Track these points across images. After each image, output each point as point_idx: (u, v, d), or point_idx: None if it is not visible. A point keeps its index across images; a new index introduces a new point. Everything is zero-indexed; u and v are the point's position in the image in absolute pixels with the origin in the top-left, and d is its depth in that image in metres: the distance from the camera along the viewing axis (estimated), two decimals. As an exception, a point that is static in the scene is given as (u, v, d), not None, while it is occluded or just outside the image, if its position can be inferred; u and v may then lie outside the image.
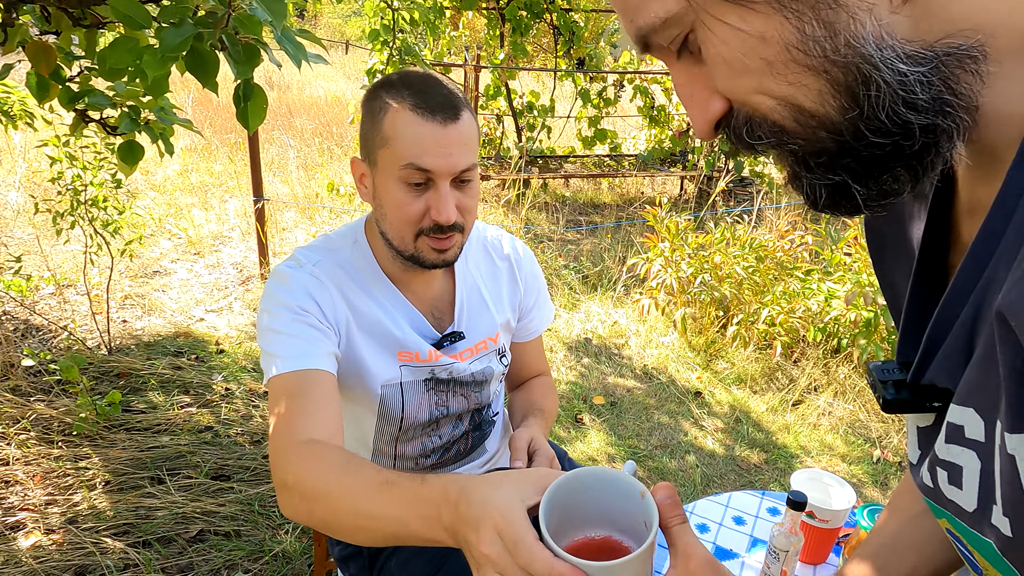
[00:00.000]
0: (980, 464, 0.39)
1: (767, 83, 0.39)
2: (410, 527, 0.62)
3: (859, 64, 0.36)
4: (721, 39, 0.39)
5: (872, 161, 0.39)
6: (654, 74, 5.90)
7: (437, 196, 0.93)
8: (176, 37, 0.84)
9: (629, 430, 2.52)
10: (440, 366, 1.08)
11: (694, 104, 0.44)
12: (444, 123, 0.90)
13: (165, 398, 2.44)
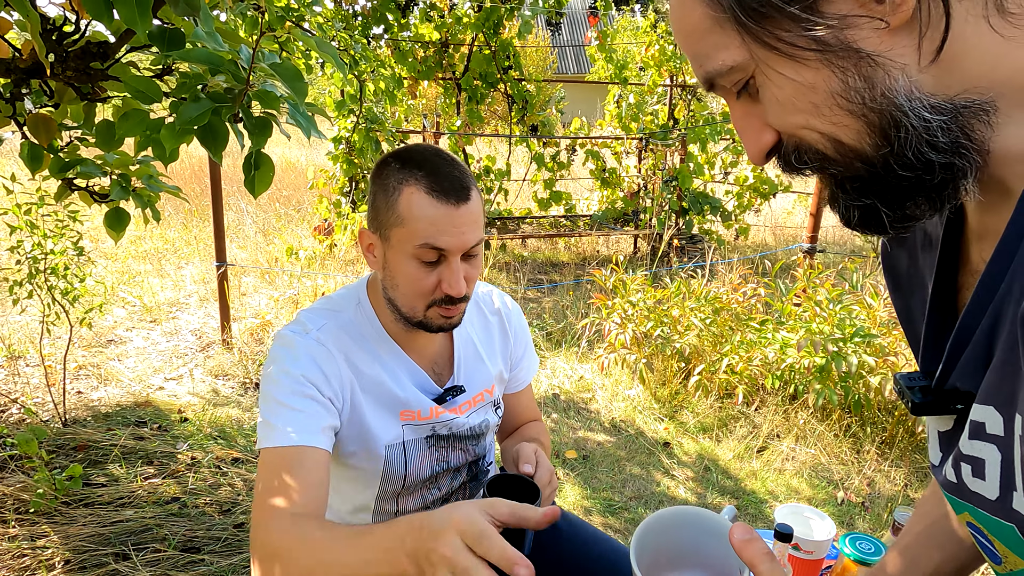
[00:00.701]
0: (1000, 455, 0.46)
1: (813, 122, 0.47)
2: (374, 566, 0.68)
3: (891, 111, 0.44)
4: (777, 85, 0.47)
5: (899, 190, 0.47)
6: (604, 139, 6.19)
7: (450, 271, 0.97)
8: (195, 111, 0.90)
9: (603, 483, 2.55)
10: (440, 422, 1.11)
11: (748, 135, 0.52)
12: (457, 205, 0.95)
13: (127, 470, 2.35)
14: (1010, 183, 0.46)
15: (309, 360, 0.99)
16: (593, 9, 5.31)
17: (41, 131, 1.16)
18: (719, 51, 0.48)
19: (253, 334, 3.64)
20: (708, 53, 0.49)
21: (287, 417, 0.94)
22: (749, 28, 0.46)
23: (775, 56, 0.46)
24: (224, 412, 2.87)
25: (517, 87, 5.57)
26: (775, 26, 0.45)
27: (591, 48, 6.15)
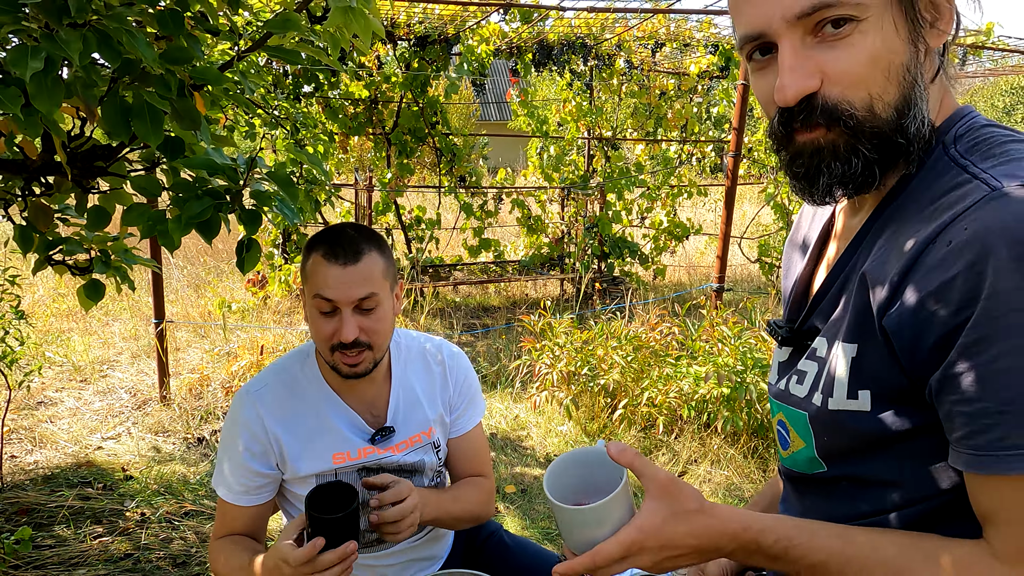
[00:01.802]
0: (817, 369, 0.71)
1: (875, 80, 0.59)
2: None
3: (917, 95, 0.61)
4: (880, 36, 0.59)
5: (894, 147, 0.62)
6: (528, 189, 6.55)
7: (340, 320, 1.19)
8: (198, 208, 1.09)
9: (540, 513, 2.75)
10: (371, 460, 1.30)
11: (798, 74, 0.60)
12: (344, 265, 1.18)
13: (75, 530, 2.38)
14: (868, 201, 0.71)
15: (242, 427, 1.27)
16: (514, 70, 5.71)
17: (40, 218, 1.31)
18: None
19: (192, 389, 3.67)
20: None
21: (232, 474, 1.26)
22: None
23: (899, 15, 0.59)
24: (169, 468, 2.91)
25: (445, 141, 5.86)
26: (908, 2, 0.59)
27: (514, 104, 6.55)
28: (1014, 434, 0.54)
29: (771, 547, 0.67)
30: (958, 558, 0.59)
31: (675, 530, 0.67)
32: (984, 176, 0.58)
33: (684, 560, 0.69)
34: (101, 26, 0.92)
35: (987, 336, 0.54)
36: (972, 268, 0.54)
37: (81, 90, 0.97)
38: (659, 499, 0.68)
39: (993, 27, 4.78)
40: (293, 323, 4.90)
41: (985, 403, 0.55)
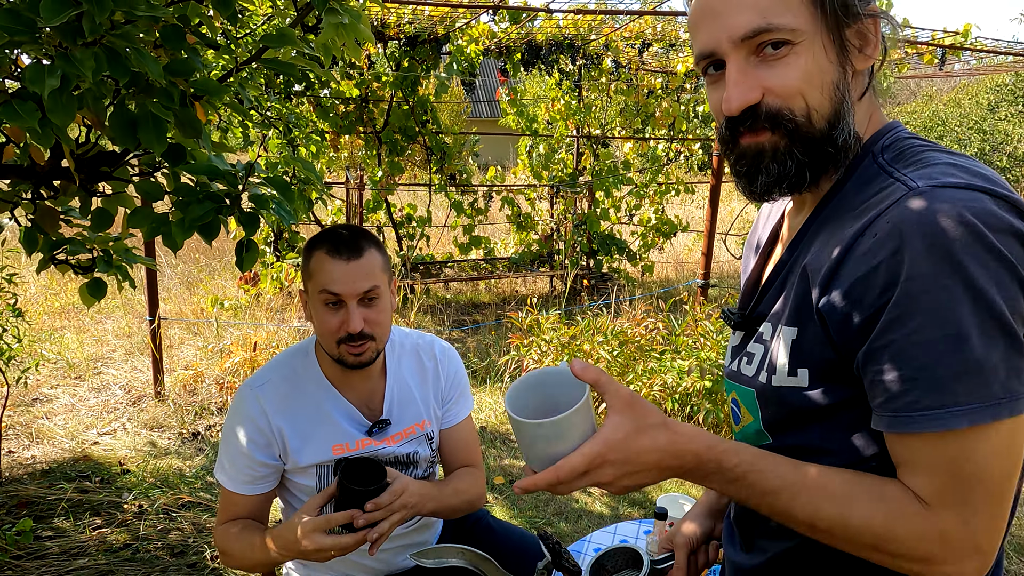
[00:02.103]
0: (764, 350, 0.79)
1: (812, 94, 0.69)
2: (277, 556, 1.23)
3: (845, 109, 0.71)
4: (811, 58, 0.69)
5: (824, 155, 0.72)
6: (518, 187, 6.62)
7: (347, 312, 1.28)
8: (201, 210, 1.16)
9: (528, 503, 2.83)
10: (368, 452, 1.38)
11: (741, 88, 0.70)
12: (348, 260, 1.26)
13: (74, 523, 2.44)
14: (810, 202, 0.80)
15: (247, 421, 1.33)
16: (503, 70, 5.78)
17: (47, 221, 1.38)
18: (790, 14, 0.67)
19: (186, 385, 3.73)
20: (778, 11, 0.68)
21: (234, 463, 1.33)
22: (827, 17, 0.68)
23: (827, 40, 0.69)
24: (165, 462, 2.98)
25: (435, 139, 5.93)
26: (837, 28, 0.69)
27: (503, 102, 6.62)
28: (924, 398, 0.61)
29: (732, 469, 0.70)
30: (894, 495, 0.66)
31: (639, 444, 0.68)
32: (904, 179, 0.67)
33: (644, 477, 0.70)
34: (110, 43, 0.99)
35: (904, 313, 0.62)
36: (893, 256, 0.62)
37: (91, 103, 1.04)
38: (622, 413, 0.69)
39: (970, 29, 4.89)
40: (285, 320, 4.95)
41: (901, 371, 0.62)
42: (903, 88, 18.09)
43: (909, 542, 0.64)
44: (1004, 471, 0.63)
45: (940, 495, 0.63)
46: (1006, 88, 14.74)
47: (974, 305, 0.60)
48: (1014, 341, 0.61)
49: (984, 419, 0.60)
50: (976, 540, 0.63)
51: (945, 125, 14.93)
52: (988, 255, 0.60)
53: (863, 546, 0.66)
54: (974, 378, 0.60)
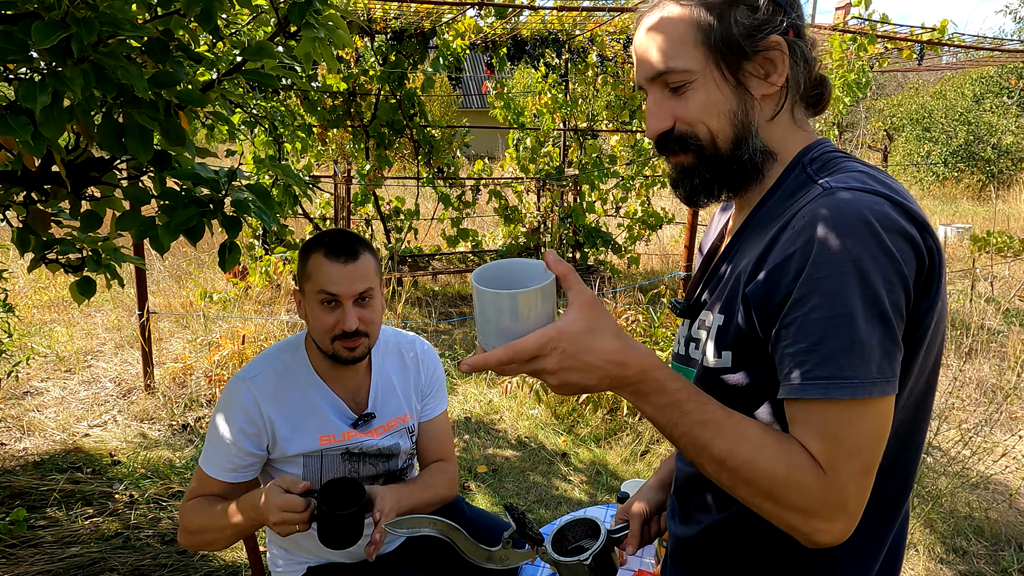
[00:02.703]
0: (705, 335, 0.87)
1: (711, 121, 0.81)
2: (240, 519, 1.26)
3: (746, 134, 0.82)
4: (707, 93, 0.81)
5: (730, 173, 0.84)
6: (505, 180, 6.68)
7: (343, 312, 1.36)
8: (186, 215, 1.23)
9: (509, 491, 2.92)
10: (353, 444, 1.46)
11: (657, 117, 0.83)
12: (345, 263, 1.35)
13: (66, 512, 2.51)
14: (750, 205, 0.89)
15: (239, 411, 1.39)
16: (489, 64, 5.82)
17: (39, 223, 1.44)
18: (684, 58, 0.80)
19: (175, 378, 3.79)
20: (675, 56, 0.80)
21: (217, 449, 1.39)
22: (717, 56, 0.79)
23: (719, 77, 0.80)
24: (155, 453, 3.04)
25: (423, 133, 5.97)
26: (730, 63, 0.80)
27: (490, 96, 6.67)
28: (816, 369, 0.69)
29: (671, 393, 0.74)
30: (798, 450, 0.72)
31: (591, 342, 0.70)
32: (821, 182, 0.78)
33: (586, 376, 0.71)
34: (98, 59, 1.05)
35: (807, 295, 0.70)
36: (804, 246, 0.71)
37: (80, 115, 1.10)
38: (582, 310, 0.71)
39: (947, 25, 4.98)
40: (274, 312, 5.01)
41: (800, 344, 0.71)
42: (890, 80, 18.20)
43: (799, 493, 0.70)
44: (874, 445, 0.71)
45: (826, 458, 0.70)
46: (991, 80, 14.88)
47: (862, 292, 0.68)
48: (888, 329, 0.69)
49: (861, 394, 0.69)
50: (847, 503, 0.70)
51: (931, 117, 15.06)
52: (879, 250, 0.69)
53: (759, 491, 0.73)
54: (857, 356, 0.68)
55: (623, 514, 1.15)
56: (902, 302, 0.71)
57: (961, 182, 14.47)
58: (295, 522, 1.21)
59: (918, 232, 0.72)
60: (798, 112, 0.87)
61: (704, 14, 0.80)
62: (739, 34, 0.80)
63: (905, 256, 0.70)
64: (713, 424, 0.74)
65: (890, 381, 0.70)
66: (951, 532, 2.66)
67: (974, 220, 10.26)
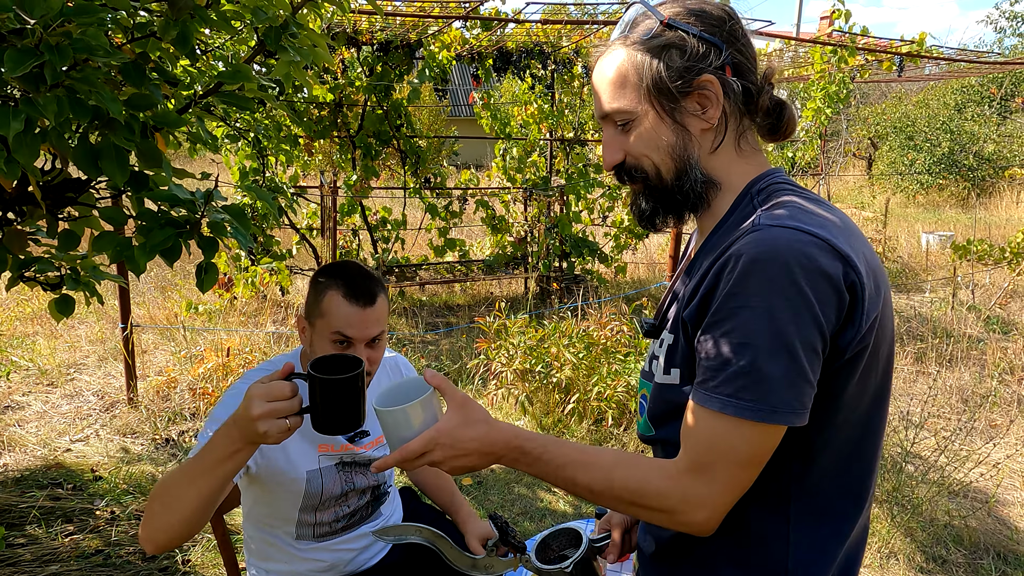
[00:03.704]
0: (666, 352, 0.90)
1: (653, 155, 0.88)
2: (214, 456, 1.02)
3: (687, 166, 0.88)
4: (646, 129, 0.88)
5: (674, 203, 0.91)
6: (492, 189, 6.71)
7: (354, 351, 1.35)
8: (162, 236, 1.23)
9: (494, 503, 2.93)
10: (348, 454, 1.49)
11: (609, 151, 0.91)
12: (363, 307, 1.35)
13: (47, 529, 2.49)
14: (704, 232, 0.94)
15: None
16: (475, 75, 5.85)
17: (15, 243, 1.44)
18: (624, 100, 0.88)
19: (159, 391, 3.77)
20: (616, 98, 0.89)
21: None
22: (652, 98, 0.87)
23: (656, 116, 0.87)
24: (138, 468, 3.02)
25: (409, 143, 5.99)
26: (665, 103, 0.86)
27: (477, 107, 6.70)
28: (721, 386, 0.78)
29: (531, 452, 0.87)
30: (647, 463, 0.85)
31: (464, 433, 0.86)
32: (756, 216, 0.83)
33: (469, 460, 0.87)
34: (72, 84, 1.06)
35: (721, 320, 0.78)
36: (728, 276, 0.78)
37: (55, 139, 1.11)
38: (454, 410, 0.88)
39: (925, 38, 5.06)
40: (259, 324, 4.99)
41: (711, 362, 0.79)
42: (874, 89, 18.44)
43: (656, 498, 0.83)
44: (748, 460, 0.79)
45: (692, 461, 0.81)
46: (972, 89, 15.11)
47: (769, 326, 0.75)
48: (796, 365, 0.75)
49: (752, 417, 0.76)
50: (708, 498, 0.80)
51: (915, 126, 15.26)
52: (793, 290, 0.74)
53: (627, 503, 0.85)
54: (753, 382, 0.76)
55: (604, 523, 1.18)
56: (815, 340, 0.75)
57: (945, 190, 14.66)
58: (284, 412, 0.98)
59: (842, 267, 0.76)
60: (745, 142, 0.91)
61: (640, 58, 0.87)
62: (669, 77, 0.86)
63: (821, 295, 0.75)
64: (570, 465, 0.86)
65: (795, 412, 0.77)
66: (931, 541, 2.69)
67: (956, 228, 10.39)
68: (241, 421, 0.99)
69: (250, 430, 0.98)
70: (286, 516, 1.48)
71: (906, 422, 3.59)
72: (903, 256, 8.25)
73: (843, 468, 0.85)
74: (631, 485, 0.83)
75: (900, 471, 3.05)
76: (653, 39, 0.86)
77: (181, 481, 1.07)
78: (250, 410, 0.97)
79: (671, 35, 0.86)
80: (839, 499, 0.86)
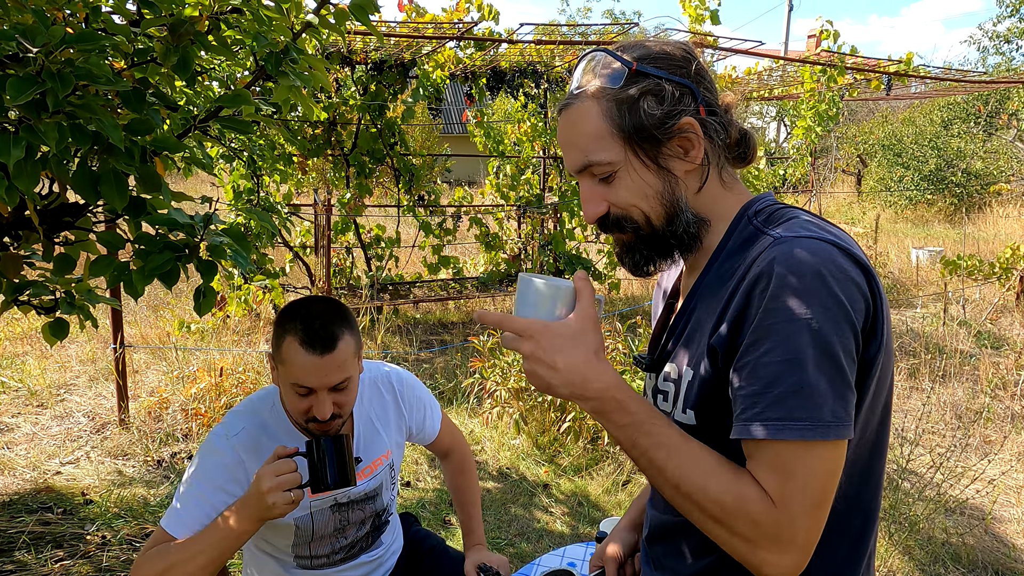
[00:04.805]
0: (674, 389, 0.89)
1: (641, 204, 0.86)
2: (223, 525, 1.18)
3: (677, 210, 0.86)
4: (631, 179, 0.85)
5: (667, 247, 0.88)
6: (485, 207, 6.73)
7: (317, 401, 1.29)
8: (161, 259, 1.23)
9: (490, 524, 2.90)
10: (342, 493, 1.45)
11: (591, 204, 0.88)
12: (322, 355, 1.25)
13: (35, 555, 2.44)
14: (696, 266, 0.93)
15: (223, 470, 1.32)
16: (469, 94, 5.89)
17: (10, 267, 1.43)
18: (604, 151, 0.84)
19: (151, 412, 3.73)
20: (595, 149, 0.85)
21: (184, 508, 1.28)
22: (634, 145, 0.84)
23: (639, 164, 0.85)
24: (129, 491, 2.98)
25: (403, 161, 6.00)
26: (647, 150, 0.84)
27: (470, 125, 6.74)
28: (768, 411, 0.73)
29: (631, 413, 0.79)
30: (749, 481, 0.75)
31: (568, 347, 0.79)
32: (772, 233, 0.82)
33: (554, 377, 0.79)
34: (72, 110, 1.06)
35: (760, 339, 0.75)
36: (761, 293, 0.76)
37: (55, 166, 1.10)
38: (576, 322, 0.81)
39: (912, 57, 5.14)
40: (252, 343, 4.96)
41: (753, 387, 0.75)
42: (862, 107, 18.67)
43: (747, 523, 0.74)
44: (824, 484, 0.73)
45: (778, 492, 0.74)
46: (958, 106, 15.32)
47: (813, 338, 0.72)
48: (840, 373, 0.73)
49: (811, 436, 0.72)
50: (797, 536, 0.73)
51: (902, 143, 15.45)
52: (830, 299, 0.73)
53: (710, 516, 0.76)
54: (806, 399, 0.72)
55: (597, 559, 1.16)
56: (852, 347, 0.74)
57: (934, 205, 14.81)
58: (291, 484, 1.15)
59: (864, 278, 0.76)
60: (726, 174, 0.91)
61: (615, 108, 0.84)
62: (650, 124, 0.83)
63: (854, 303, 0.74)
64: (669, 447, 0.78)
65: (844, 425, 0.73)
66: (929, 559, 2.68)
67: (946, 243, 10.49)
68: (251, 499, 1.17)
69: (261, 505, 1.15)
70: (282, 551, 1.46)
71: (901, 439, 3.60)
72: (894, 272, 8.31)
73: (858, 486, 0.84)
74: (727, 501, 0.75)
75: (896, 488, 3.05)
76: (626, 87, 0.83)
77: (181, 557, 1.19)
78: (260, 485, 1.15)
79: (644, 82, 0.83)
80: (853, 517, 0.85)
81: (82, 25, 1.27)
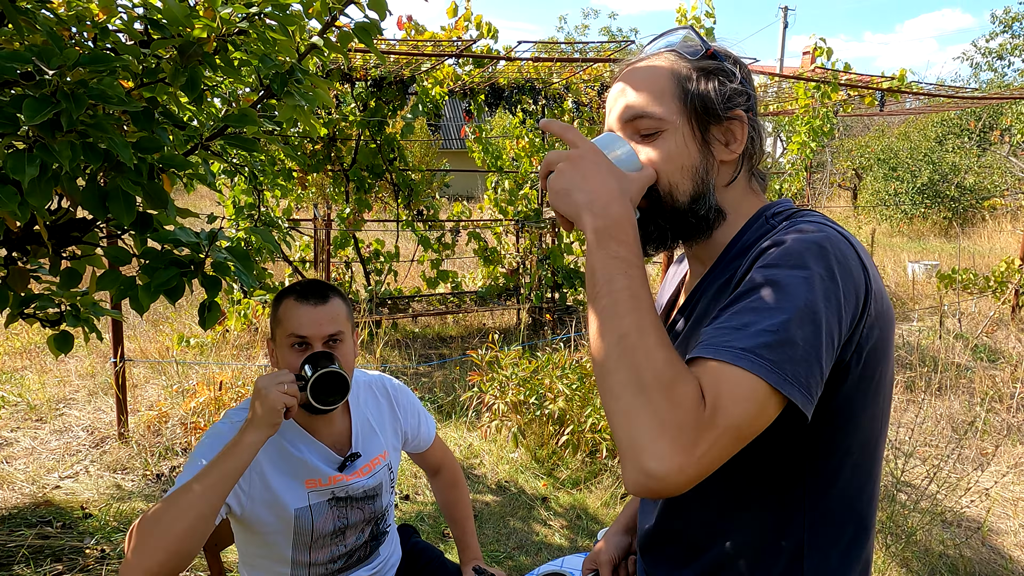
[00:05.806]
0: None
1: (674, 173, 0.86)
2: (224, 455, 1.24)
3: (705, 190, 0.87)
4: (674, 142, 0.86)
5: (686, 225, 0.88)
6: (484, 221, 6.77)
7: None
8: (167, 275, 1.26)
9: (489, 537, 2.91)
10: (339, 487, 1.47)
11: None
12: (315, 305, 1.37)
13: (34, 569, 2.45)
14: (705, 262, 0.94)
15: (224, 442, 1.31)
16: (467, 110, 5.96)
17: (18, 281, 1.46)
18: (660, 106, 0.85)
19: (150, 426, 3.74)
20: (654, 102, 0.86)
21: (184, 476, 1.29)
22: (691, 113, 0.85)
23: (689, 132, 0.86)
24: (129, 505, 2.99)
25: (402, 176, 6.05)
26: (702, 122, 0.86)
27: (469, 140, 6.81)
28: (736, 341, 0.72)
29: (631, 248, 0.77)
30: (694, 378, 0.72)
31: (609, 177, 0.80)
32: (783, 224, 0.85)
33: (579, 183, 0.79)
34: (85, 129, 1.09)
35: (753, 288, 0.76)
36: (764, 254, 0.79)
37: (66, 183, 1.13)
38: (629, 177, 0.83)
39: (905, 74, 5.22)
40: (251, 357, 4.98)
41: (731, 323, 0.74)
42: (857, 122, 18.82)
43: (669, 403, 0.69)
44: (753, 424, 0.71)
45: (712, 402, 0.70)
46: (952, 122, 15.47)
47: (804, 297, 0.72)
48: (816, 340, 0.71)
49: (768, 378, 0.70)
50: (700, 445, 0.68)
51: (897, 157, 15.57)
52: (827, 273, 0.74)
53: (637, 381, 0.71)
54: (777, 346, 0.70)
55: (590, 563, 1.17)
56: (835, 329, 0.74)
57: (928, 219, 14.91)
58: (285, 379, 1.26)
59: (864, 278, 0.78)
60: (755, 181, 0.94)
61: (688, 71, 0.87)
62: (714, 98, 0.86)
63: (847, 289, 0.75)
64: (640, 299, 0.75)
65: (797, 389, 0.71)
66: (926, 571, 2.69)
67: (941, 257, 10.55)
68: (251, 405, 1.25)
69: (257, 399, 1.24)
70: (280, 556, 1.47)
71: (896, 450, 3.61)
72: (890, 285, 8.36)
73: (854, 494, 0.85)
74: (665, 372, 0.70)
75: (893, 500, 3.07)
76: (703, 61, 0.87)
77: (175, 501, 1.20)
78: (256, 384, 1.25)
79: (716, 66, 0.87)
80: (846, 525, 0.86)
81: (90, 44, 1.30)
